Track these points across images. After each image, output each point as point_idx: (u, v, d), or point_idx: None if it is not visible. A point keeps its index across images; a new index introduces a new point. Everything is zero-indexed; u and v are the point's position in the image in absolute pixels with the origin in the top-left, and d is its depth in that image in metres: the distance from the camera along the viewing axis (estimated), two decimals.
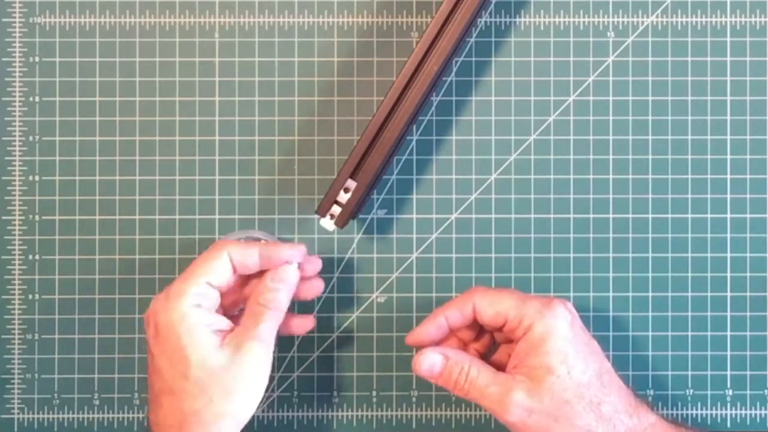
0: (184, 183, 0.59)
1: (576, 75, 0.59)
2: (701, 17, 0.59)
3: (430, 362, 0.51)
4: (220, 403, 0.48)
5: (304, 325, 0.54)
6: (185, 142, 0.59)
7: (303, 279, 0.53)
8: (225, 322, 0.50)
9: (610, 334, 0.58)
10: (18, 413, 0.58)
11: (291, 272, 0.51)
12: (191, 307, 0.48)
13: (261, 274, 0.52)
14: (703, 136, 0.59)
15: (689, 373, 0.58)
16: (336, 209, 0.54)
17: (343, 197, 0.54)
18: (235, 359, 0.48)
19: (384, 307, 0.59)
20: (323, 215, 0.54)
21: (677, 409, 0.58)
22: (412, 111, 0.54)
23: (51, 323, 0.58)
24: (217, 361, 0.48)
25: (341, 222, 0.54)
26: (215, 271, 0.50)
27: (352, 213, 0.54)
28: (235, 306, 0.53)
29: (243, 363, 0.48)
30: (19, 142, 0.59)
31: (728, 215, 0.58)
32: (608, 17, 0.59)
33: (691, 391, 0.58)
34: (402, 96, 0.54)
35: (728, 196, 0.58)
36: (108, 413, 0.58)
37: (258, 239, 0.57)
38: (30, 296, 0.58)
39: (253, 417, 0.58)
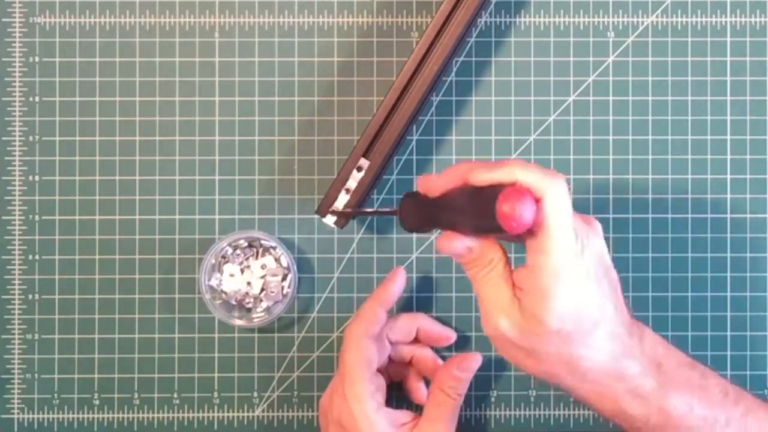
0: (184, 183, 0.59)
1: (576, 75, 0.59)
2: (701, 17, 0.59)
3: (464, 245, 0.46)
4: None
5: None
6: (185, 142, 0.59)
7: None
8: (406, 415, 0.52)
9: None
10: (18, 413, 0.58)
11: (476, 361, 0.54)
12: (375, 413, 0.50)
13: None
14: (703, 136, 0.59)
15: None
16: (336, 209, 0.54)
17: (344, 197, 0.54)
18: None
19: None
20: (323, 215, 0.54)
21: None
22: (412, 111, 0.54)
23: (51, 323, 0.58)
24: None
25: (341, 222, 0.54)
26: (364, 357, 0.51)
27: (351, 213, 0.54)
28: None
29: None
30: (19, 142, 0.59)
31: (728, 215, 0.58)
32: (608, 17, 0.59)
33: None
34: (402, 96, 0.54)
35: (728, 196, 0.58)
36: (108, 413, 0.58)
37: (258, 239, 0.57)
38: (30, 296, 0.58)
39: (253, 417, 0.58)
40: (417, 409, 0.57)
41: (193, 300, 0.58)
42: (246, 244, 0.57)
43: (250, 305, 0.57)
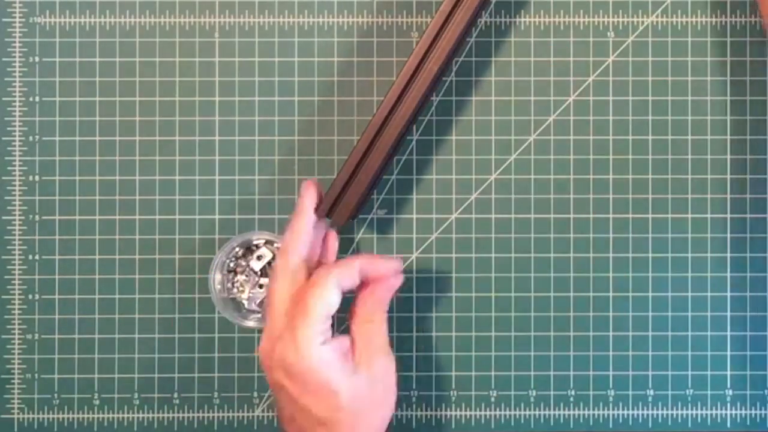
0: (184, 183, 0.59)
1: (576, 75, 0.59)
2: (701, 17, 0.59)
3: None
4: (373, 419, 0.51)
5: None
6: (185, 142, 0.59)
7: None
8: (345, 342, 0.51)
9: (610, 334, 0.58)
10: (18, 413, 0.58)
11: (394, 284, 0.53)
12: (321, 347, 0.49)
13: None
14: (702, 136, 0.59)
15: (689, 373, 0.58)
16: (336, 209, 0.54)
17: (343, 197, 0.54)
18: (372, 377, 0.50)
19: None
20: (321, 216, 0.54)
21: (677, 409, 0.58)
22: (412, 111, 0.54)
23: (51, 323, 0.58)
24: (360, 385, 0.50)
25: (341, 221, 0.54)
26: (330, 303, 0.50)
27: (351, 213, 0.54)
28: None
29: (380, 379, 0.51)
30: (19, 142, 0.59)
31: (728, 215, 0.58)
32: (608, 17, 0.59)
33: (691, 391, 0.58)
34: (402, 96, 0.54)
35: (728, 196, 0.58)
36: (108, 413, 0.58)
37: (272, 241, 0.57)
38: (30, 296, 0.58)
39: (253, 417, 0.58)
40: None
41: (193, 300, 0.58)
42: (242, 250, 0.57)
43: (260, 308, 0.57)
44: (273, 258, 0.57)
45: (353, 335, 0.52)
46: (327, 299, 0.49)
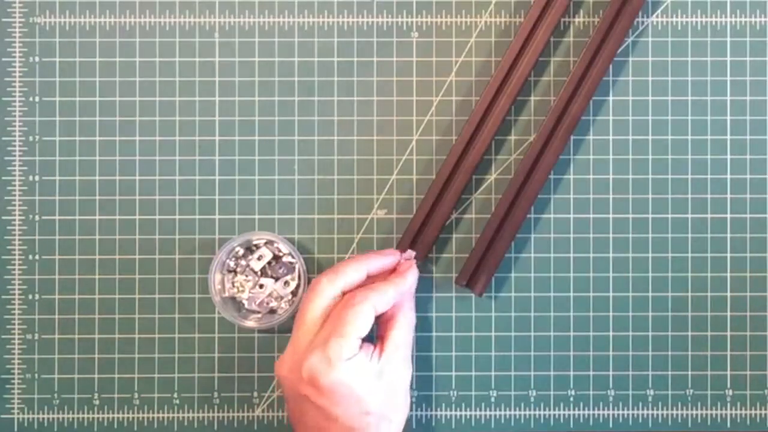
0: (184, 183, 0.59)
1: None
2: (701, 17, 0.59)
3: None
4: (397, 420, 0.53)
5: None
6: (185, 142, 0.59)
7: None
8: (370, 348, 0.52)
9: (610, 334, 0.58)
10: (18, 413, 0.58)
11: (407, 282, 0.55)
12: (348, 362, 0.50)
13: None
14: (703, 136, 0.59)
15: (689, 373, 0.58)
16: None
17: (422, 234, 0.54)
18: (394, 381, 0.52)
19: None
20: (404, 250, 0.56)
21: (677, 409, 0.58)
22: (478, 160, 0.57)
23: (51, 323, 0.58)
24: (385, 388, 0.51)
25: (421, 257, 0.56)
26: (365, 326, 0.51)
27: (430, 248, 0.57)
28: None
29: (400, 384, 0.53)
30: (19, 142, 0.59)
31: (728, 215, 0.58)
32: None
33: (691, 391, 0.58)
34: (467, 147, 0.57)
35: (728, 196, 0.58)
36: (108, 413, 0.58)
37: (271, 242, 0.57)
38: (30, 296, 0.58)
39: (253, 417, 0.58)
40: None
41: (193, 300, 0.58)
42: (242, 250, 0.57)
43: (260, 308, 0.57)
44: (273, 258, 0.57)
45: (381, 338, 0.53)
46: (363, 322, 0.51)
